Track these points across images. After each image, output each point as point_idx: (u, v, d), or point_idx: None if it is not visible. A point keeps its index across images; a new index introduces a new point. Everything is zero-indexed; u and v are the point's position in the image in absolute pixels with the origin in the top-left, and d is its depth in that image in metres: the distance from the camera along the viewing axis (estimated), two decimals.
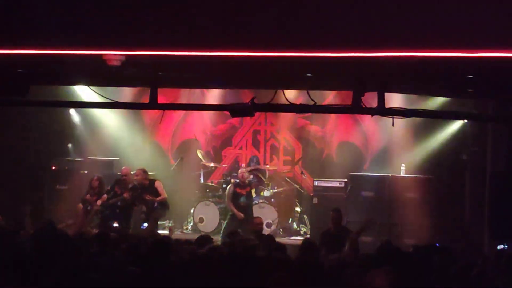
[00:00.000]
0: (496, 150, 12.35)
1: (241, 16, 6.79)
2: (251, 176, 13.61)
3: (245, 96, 12.79)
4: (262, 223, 11.12)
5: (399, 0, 6.56)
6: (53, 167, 14.35)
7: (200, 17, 6.84)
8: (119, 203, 12.27)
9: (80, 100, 12.99)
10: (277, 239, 9.77)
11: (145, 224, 12.28)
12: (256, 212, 13.11)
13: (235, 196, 12.92)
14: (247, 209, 12.87)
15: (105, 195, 12.37)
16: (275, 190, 14.45)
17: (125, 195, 12.25)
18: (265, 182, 14.38)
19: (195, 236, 8.81)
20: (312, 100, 9.62)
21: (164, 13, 6.89)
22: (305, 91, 10.03)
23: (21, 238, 7.96)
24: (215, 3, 6.76)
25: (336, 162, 14.93)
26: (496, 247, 10.51)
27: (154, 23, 7.00)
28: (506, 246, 10.29)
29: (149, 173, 12.79)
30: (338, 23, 6.70)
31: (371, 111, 9.45)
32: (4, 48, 7.70)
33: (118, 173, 13.44)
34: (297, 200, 14.64)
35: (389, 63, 7.40)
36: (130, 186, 12.51)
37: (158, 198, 12.39)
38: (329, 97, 14.01)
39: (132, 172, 12.86)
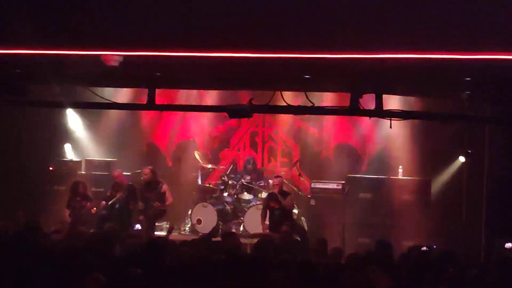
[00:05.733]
0: (493, 152, 12.37)
1: (239, 17, 6.79)
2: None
3: (243, 97, 12.78)
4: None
5: (396, 2, 6.57)
6: (51, 168, 14.34)
7: (198, 18, 6.84)
8: (117, 205, 12.37)
9: (77, 101, 12.97)
10: None
11: (138, 226, 12.30)
12: (254, 213, 13.10)
13: (271, 211, 12.03)
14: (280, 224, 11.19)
15: (103, 202, 12.57)
16: None
17: (118, 195, 12.36)
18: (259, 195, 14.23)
19: (193, 238, 8.82)
20: (310, 101, 9.65)
21: (162, 14, 6.89)
22: (303, 92, 10.06)
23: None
24: (213, 4, 6.77)
25: (333, 164, 14.89)
26: (503, 245, 10.52)
27: (152, 24, 7.00)
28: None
29: None
30: (336, 25, 6.71)
31: (369, 113, 9.50)
32: (3, 48, 7.72)
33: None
34: (294, 202, 14.61)
35: (387, 65, 7.42)
36: (125, 186, 12.62)
37: (167, 203, 12.61)
38: (327, 98, 14.00)
39: (124, 173, 12.98)
